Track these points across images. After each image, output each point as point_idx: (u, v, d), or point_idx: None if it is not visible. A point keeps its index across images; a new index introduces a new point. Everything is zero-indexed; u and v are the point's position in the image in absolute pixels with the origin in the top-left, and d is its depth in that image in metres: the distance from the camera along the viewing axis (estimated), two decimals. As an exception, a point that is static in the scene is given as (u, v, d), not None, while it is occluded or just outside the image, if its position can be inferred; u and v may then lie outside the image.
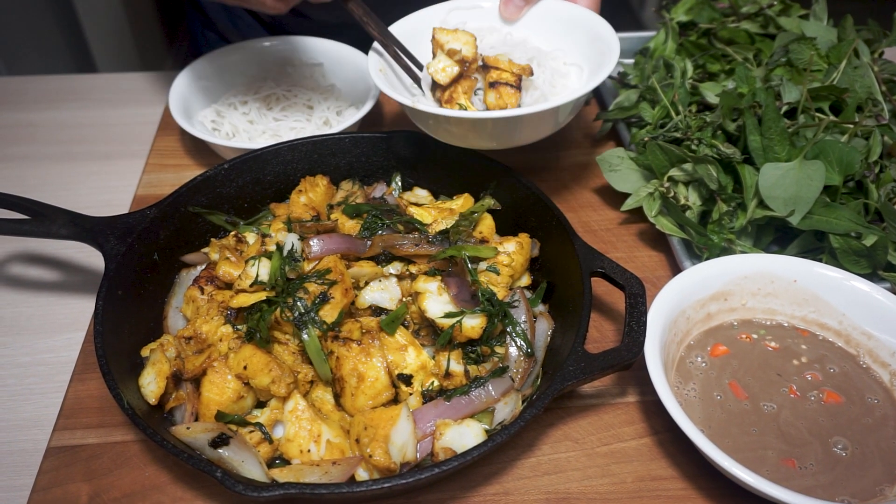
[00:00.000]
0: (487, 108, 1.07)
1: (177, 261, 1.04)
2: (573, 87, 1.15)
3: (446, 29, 1.15)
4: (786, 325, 1.00)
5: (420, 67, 1.19)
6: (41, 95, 1.57)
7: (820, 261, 1.02)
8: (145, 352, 0.92)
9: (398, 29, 1.21)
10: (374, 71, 1.13)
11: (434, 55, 1.14)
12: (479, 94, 1.14)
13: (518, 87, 1.08)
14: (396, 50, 1.18)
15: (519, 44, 1.22)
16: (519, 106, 1.09)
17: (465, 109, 1.08)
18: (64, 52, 3.32)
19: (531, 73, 1.11)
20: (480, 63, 1.12)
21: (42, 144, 1.44)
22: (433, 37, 1.15)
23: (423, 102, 1.07)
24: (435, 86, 1.13)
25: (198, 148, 1.40)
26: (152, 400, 0.86)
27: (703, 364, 0.95)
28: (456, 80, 1.10)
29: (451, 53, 1.12)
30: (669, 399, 0.82)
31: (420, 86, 1.18)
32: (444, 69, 1.10)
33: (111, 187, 1.33)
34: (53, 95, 1.57)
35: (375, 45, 1.18)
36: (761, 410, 0.89)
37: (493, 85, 1.06)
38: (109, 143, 1.45)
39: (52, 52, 3.22)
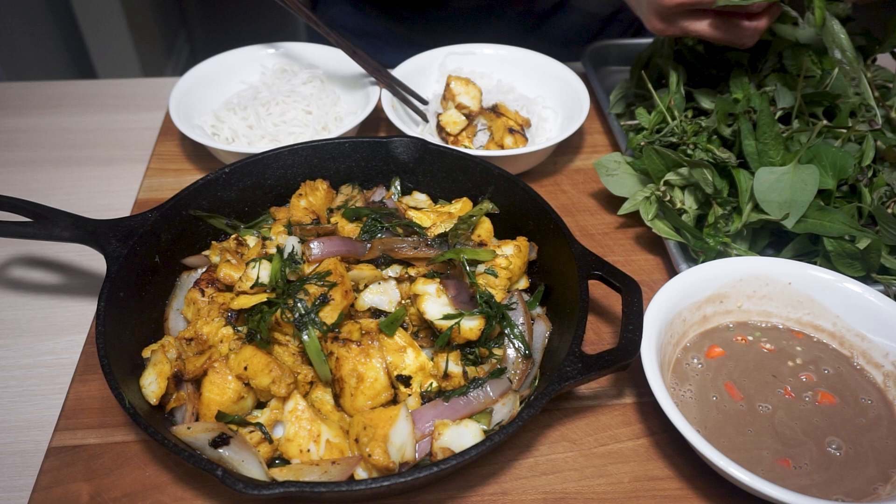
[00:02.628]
0: (503, 148, 1.32)
1: (178, 263, 1.05)
2: (553, 131, 1.44)
3: (460, 79, 1.40)
4: (781, 327, 1.01)
5: (422, 101, 1.42)
6: (44, 101, 1.58)
7: (814, 264, 1.03)
8: (146, 353, 0.93)
9: (403, 69, 1.45)
10: (387, 108, 1.33)
11: (444, 97, 1.40)
12: (477, 136, 1.38)
13: (523, 134, 1.35)
14: (399, 89, 1.39)
15: (509, 91, 1.50)
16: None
17: (468, 148, 1.31)
18: (64, 57, 3.34)
19: (529, 125, 1.40)
20: (489, 107, 1.39)
21: (44, 149, 1.45)
22: (447, 84, 1.39)
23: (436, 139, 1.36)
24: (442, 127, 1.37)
25: (198, 153, 1.41)
26: (153, 400, 0.86)
27: (700, 365, 0.96)
28: (463, 129, 1.35)
29: (459, 107, 1.38)
30: (666, 400, 0.83)
31: (423, 118, 1.42)
32: (454, 122, 1.36)
33: (112, 191, 1.34)
34: (56, 101, 1.59)
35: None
36: (756, 411, 0.90)
37: (511, 131, 1.33)
38: (111, 148, 1.46)
39: (51, 58, 3.23)
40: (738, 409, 0.90)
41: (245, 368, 0.86)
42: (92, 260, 1.19)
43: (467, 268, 0.95)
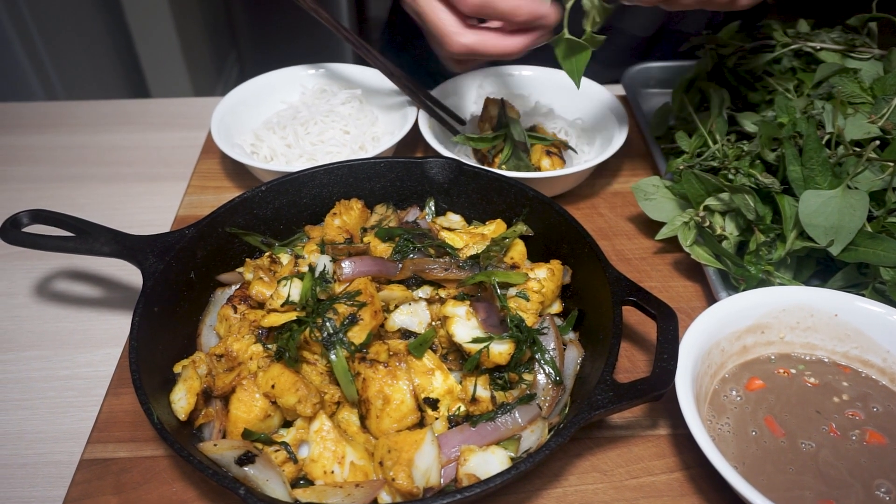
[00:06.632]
0: (540, 170, 1.30)
1: (212, 280, 1.06)
2: (591, 153, 1.42)
3: (497, 101, 1.38)
4: (826, 360, 0.97)
5: (460, 122, 1.42)
6: (94, 119, 1.64)
7: (863, 296, 0.98)
8: (178, 368, 0.94)
9: (441, 90, 1.45)
10: (424, 128, 1.33)
11: (481, 118, 1.40)
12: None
13: (561, 156, 1.33)
14: (437, 109, 1.38)
15: (547, 113, 1.49)
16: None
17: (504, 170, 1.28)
18: (120, 77, 3.46)
19: (567, 148, 1.38)
20: (527, 129, 1.37)
21: (92, 166, 1.49)
22: (485, 106, 1.40)
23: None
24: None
25: (237, 171, 1.44)
26: (182, 416, 0.87)
27: (738, 398, 0.92)
28: (499, 151, 1.34)
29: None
30: (701, 433, 0.80)
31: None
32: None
33: (155, 208, 1.38)
34: (105, 119, 1.64)
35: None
36: (799, 448, 0.86)
37: (548, 153, 1.32)
38: (155, 165, 1.50)
39: (108, 78, 3.36)
40: (779, 446, 0.86)
41: (272, 387, 0.86)
42: (131, 274, 1.21)
43: (498, 291, 0.94)
